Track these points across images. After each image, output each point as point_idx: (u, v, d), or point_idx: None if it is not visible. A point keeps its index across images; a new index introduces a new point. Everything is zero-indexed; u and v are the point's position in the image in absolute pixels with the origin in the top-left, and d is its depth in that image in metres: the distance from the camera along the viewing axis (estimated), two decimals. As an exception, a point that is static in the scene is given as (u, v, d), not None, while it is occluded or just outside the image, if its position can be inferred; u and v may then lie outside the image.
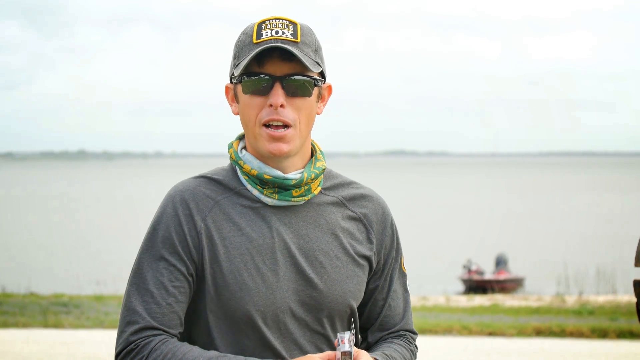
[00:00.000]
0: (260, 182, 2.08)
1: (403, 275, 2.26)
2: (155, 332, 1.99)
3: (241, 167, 2.10)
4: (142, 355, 1.96)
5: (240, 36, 2.11)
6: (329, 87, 2.16)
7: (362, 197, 2.19)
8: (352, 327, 2.04)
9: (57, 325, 11.04)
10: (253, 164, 2.08)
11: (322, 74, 2.12)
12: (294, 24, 2.07)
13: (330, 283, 2.09)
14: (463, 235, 34.18)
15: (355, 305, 2.14)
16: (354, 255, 2.13)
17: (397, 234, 2.23)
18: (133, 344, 1.98)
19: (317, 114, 2.13)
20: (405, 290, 2.26)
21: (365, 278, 2.16)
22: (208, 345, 2.07)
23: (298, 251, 2.08)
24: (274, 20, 2.07)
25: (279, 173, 2.07)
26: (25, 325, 11.04)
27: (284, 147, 2.05)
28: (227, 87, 2.15)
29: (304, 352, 2.07)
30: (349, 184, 2.20)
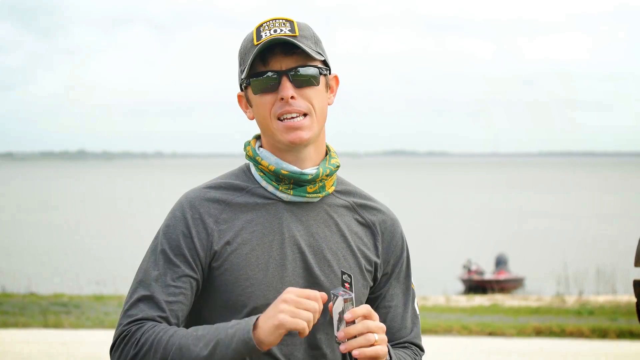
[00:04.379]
0: (277, 178, 2.11)
1: (412, 290, 2.27)
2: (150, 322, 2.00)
3: (258, 164, 2.13)
4: (135, 338, 1.97)
5: (241, 43, 2.16)
6: (336, 78, 2.20)
7: (374, 209, 2.22)
8: (345, 275, 1.98)
9: (57, 325, 11.04)
10: (270, 159, 2.11)
11: (326, 65, 2.15)
12: (291, 22, 2.11)
13: (337, 282, 2.11)
14: (463, 235, 34.18)
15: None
16: (361, 258, 2.16)
17: (407, 248, 2.25)
18: (126, 331, 1.99)
19: (329, 104, 2.17)
20: (413, 306, 2.26)
21: (370, 283, 2.18)
22: None
23: (307, 248, 2.10)
24: (271, 21, 2.12)
25: (295, 168, 2.10)
26: (25, 325, 11.05)
27: (303, 134, 2.08)
28: (239, 96, 2.20)
29: (303, 349, 2.08)
30: (364, 195, 2.24)
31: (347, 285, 1.97)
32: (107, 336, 10.04)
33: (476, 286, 20.50)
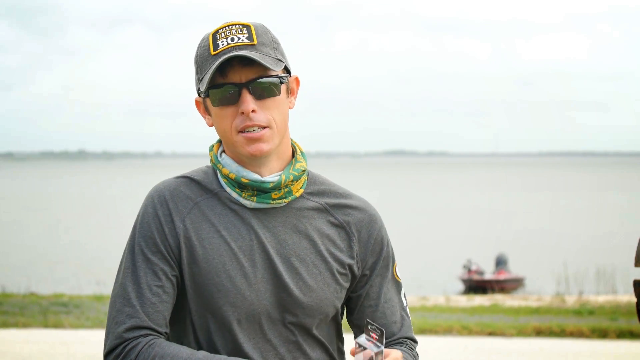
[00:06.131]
0: (239, 185, 2.09)
1: (397, 283, 2.23)
2: (142, 331, 2.00)
3: (220, 171, 2.11)
4: (130, 359, 1.97)
5: (197, 50, 2.11)
6: (297, 80, 2.15)
7: (349, 207, 2.18)
8: (373, 326, 1.97)
9: (57, 325, 11.03)
10: (231, 167, 2.09)
11: (286, 69, 2.11)
12: (248, 27, 2.07)
13: (306, 290, 2.09)
14: (463, 235, 34.17)
15: (331, 312, 2.14)
16: (332, 262, 2.12)
17: (387, 242, 2.21)
18: (120, 347, 1.99)
19: (290, 108, 2.13)
20: (400, 299, 2.23)
21: (345, 285, 2.15)
22: (195, 344, 2.08)
23: (276, 255, 2.08)
24: (227, 28, 2.07)
25: (256, 176, 2.07)
26: (25, 325, 11.04)
27: (263, 146, 2.05)
28: (196, 101, 2.15)
29: (279, 354, 2.08)
30: (339, 194, 2.19)
31: (374, 336, 1.95)
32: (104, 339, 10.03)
33: (476, 286, 20.50)
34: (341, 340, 2.24)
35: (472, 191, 74.09)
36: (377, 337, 1.95)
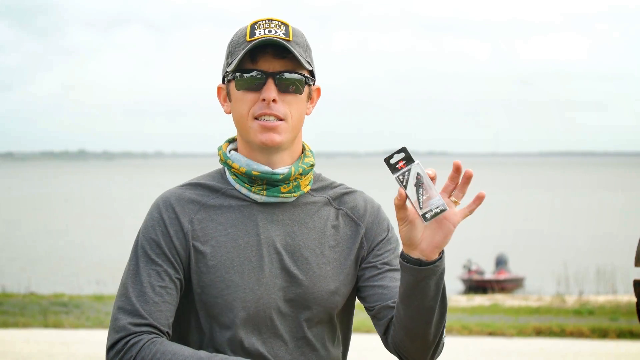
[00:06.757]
0: (249, 179, 2.12)
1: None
2: (144, 328, 2.01)
3: (230, 167, 2.14)
4: (131, 355, 1.99)
5: (233, 37, 2.16)
6: (318, 90, 2.21)
7: (349, 194, 2.23)
8: (394, 156, 1.92)
9: (57, 325, 11.03)
10: (241, 162, 2.13)
11: (312, 74, 2.16)
12: (286, 25, 2.12)
13: (315, 279, 2.12)
14: (463, 235, 34.17)
15: (341, 301, 2.16)
16: (342, 250, 2.16)
17: (390, 225, 2.23)
18: (122, 341, 2.01)
19: (307, 114, 2.18)
20: None
21: (355, 272, 2.17)
22: (201, 343, 2.10)
23: (284, 248, 2.11)
24: (267, 21, 2.12)
25: (266, 168, 2.11)
26: (25, 325, 11.03)
27: (276, 137, 2.09)
28: (219, 88, 2.20)
29: (289, 349, 2.10)
30: (337, 185, 2.24)
31: (401, 162, 1.93)
32: (107, 336, 10.01)
33: (476, 286, 20.50)
34: (348, 338, 2.26)
35: (472, 191, 74.03)
36: (403, 161, 1.93)
